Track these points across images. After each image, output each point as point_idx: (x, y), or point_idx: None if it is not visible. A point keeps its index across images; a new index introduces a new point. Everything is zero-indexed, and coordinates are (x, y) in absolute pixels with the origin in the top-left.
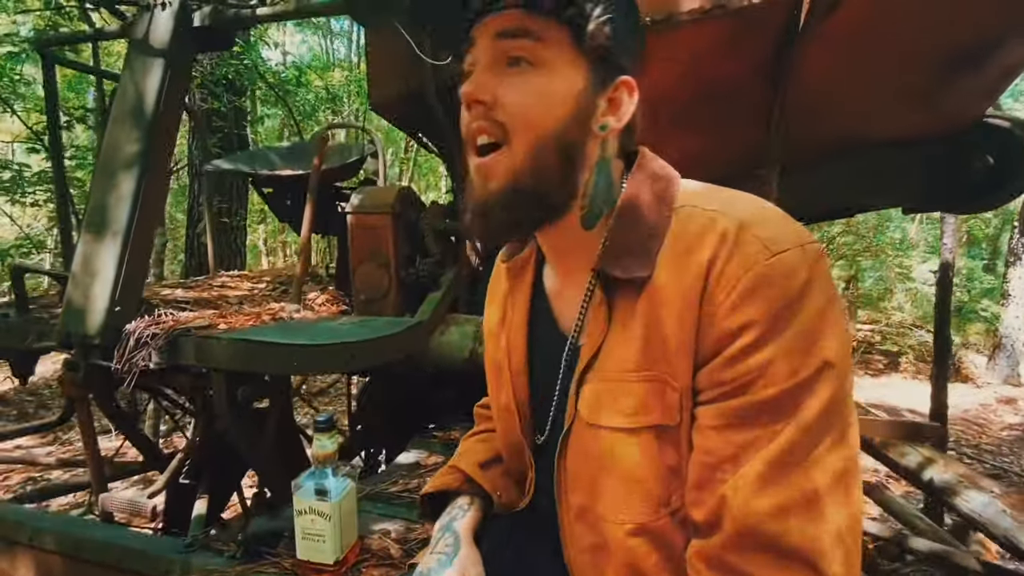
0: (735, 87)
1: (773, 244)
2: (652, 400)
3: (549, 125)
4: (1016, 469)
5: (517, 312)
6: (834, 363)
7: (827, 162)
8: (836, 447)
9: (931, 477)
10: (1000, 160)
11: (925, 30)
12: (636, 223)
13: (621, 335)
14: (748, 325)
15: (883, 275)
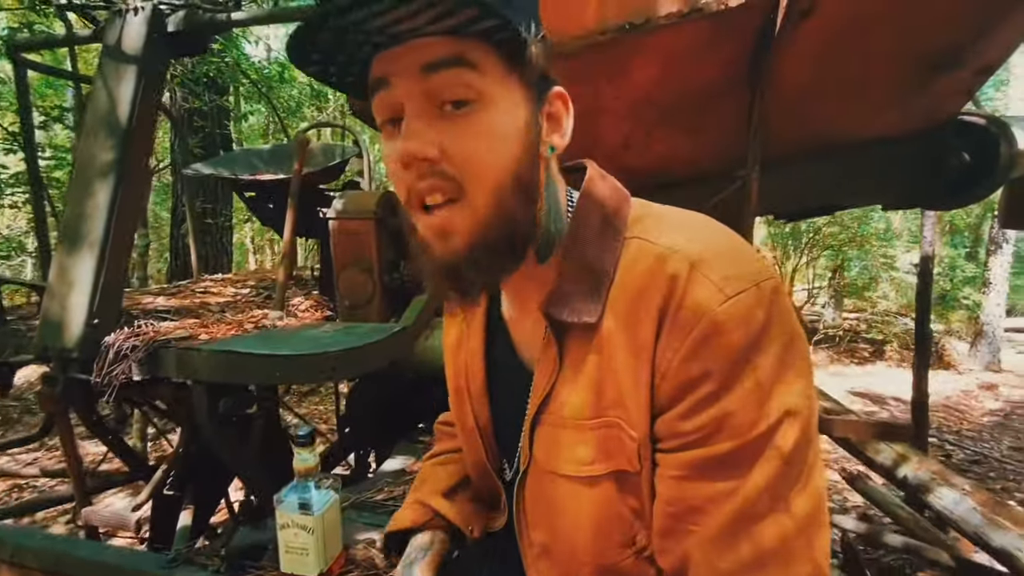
0: (714, 89)
1: (727, 285)
2: (609, 447)
3: (506, 167)
4: (996, 455)
5: (473, 337)
6: (796, 410)
7: (806, 161)
8: (799, 496)
9: (905, 474)
10: (976, 157)
11: (900, 33)
12: (584, 261)
13: (573, 379)
14: (705, 376)
15: (868, 265)
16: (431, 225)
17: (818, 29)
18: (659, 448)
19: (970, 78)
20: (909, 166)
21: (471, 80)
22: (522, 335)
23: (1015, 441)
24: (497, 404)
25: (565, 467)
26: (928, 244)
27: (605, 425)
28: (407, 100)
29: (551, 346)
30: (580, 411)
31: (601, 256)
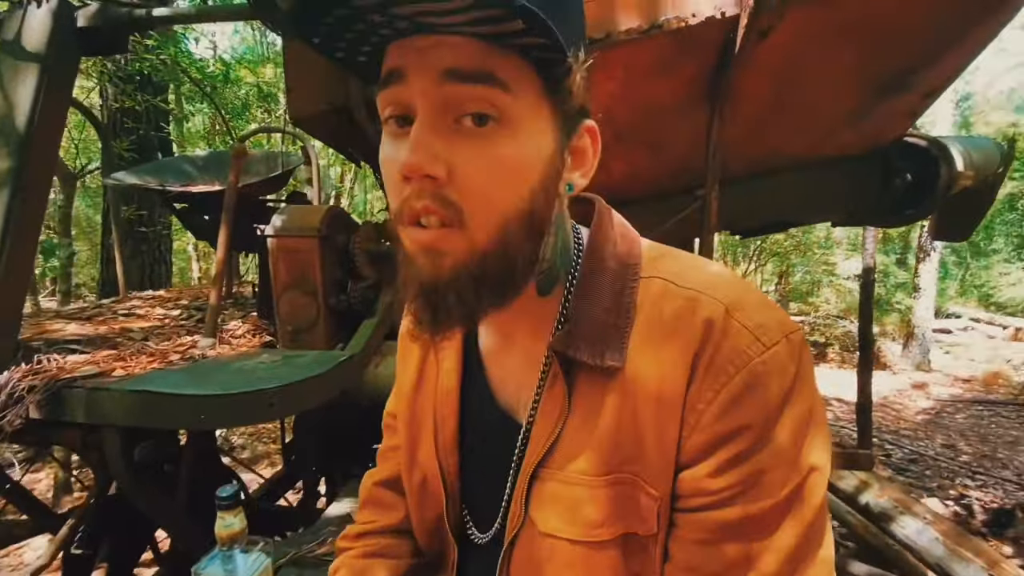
0: (674, 107)
1: (764, 336)
2: (622, 507)
3: (517, 203)
4: (930, 453)
5: (446, 376)
6: (821, 466)
7: (763, 179)
8: (816, 556)
9: (867, 502)
10: (918, 177)
11: (855, 56)
12: (602, 298)
13: (584, 428)
14: (741, 430)
15: (811, 271)
16: (420, 240)
17: (776, 50)
18: (679, 507)
19: (917, 101)
20: (859, 185)
21: (498, 99)
22: (503, 374)
23: (946, 439)
24: (469, 455)
25: (569, 530)
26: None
27: (619, 482)
28: (421, 101)
29: (558, 388)
30: (592, 465)
31: (620, 295)
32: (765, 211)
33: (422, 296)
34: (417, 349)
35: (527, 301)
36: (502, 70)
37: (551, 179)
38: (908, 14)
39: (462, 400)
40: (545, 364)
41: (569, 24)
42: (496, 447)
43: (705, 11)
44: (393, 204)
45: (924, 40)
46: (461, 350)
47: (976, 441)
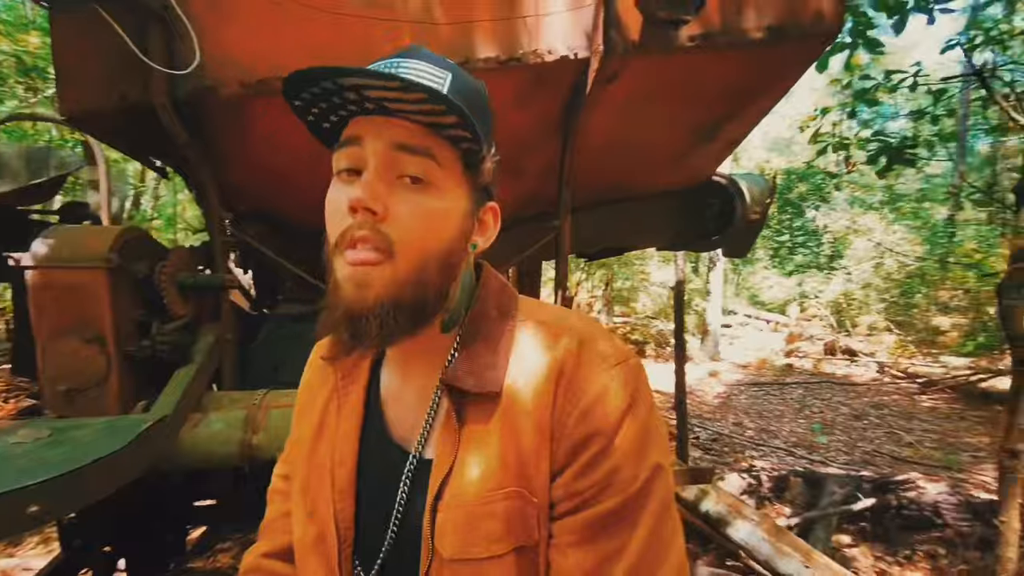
0: (530, 136)
1: (608, 361)
2: (515, 520)
3: (438, 246)
4: (726, 432)
5: (347, 419)
6: (663, 464)
7: (606, 208)
8: (674, 539)
9: (707, 509)
10: (723, 210)
11: (677, 109)
12: (486, 336)
13: (476, 452)
14: (595, 434)
15: (631, 279)
16: (351, 276)
17: (622, 93)
18: (555, 516)
19: (723, 148)
20: (681, 215)
21: (432, 170)
22: (402, 410)
23: (736, 418)
24: (365, 498)
25: (473, 550)
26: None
27: (510, 497)
28: (373, 160)
29: (451, 421)
30: (487, 485)
31: (501, 333)
32: (608, 237)
33: (347, 321)
34: (321, 397)
35: (429, 338)
36: (437, 149)
37: (464, 234)
38: (715, 79)
39: (362, 441)
40: (435, 395)
41: (484, 125)
42: (389, 486)
43: (560, 50)
44: (333, 235)
45: (726, 100)
46: (364, 392)
47: (756, 417)
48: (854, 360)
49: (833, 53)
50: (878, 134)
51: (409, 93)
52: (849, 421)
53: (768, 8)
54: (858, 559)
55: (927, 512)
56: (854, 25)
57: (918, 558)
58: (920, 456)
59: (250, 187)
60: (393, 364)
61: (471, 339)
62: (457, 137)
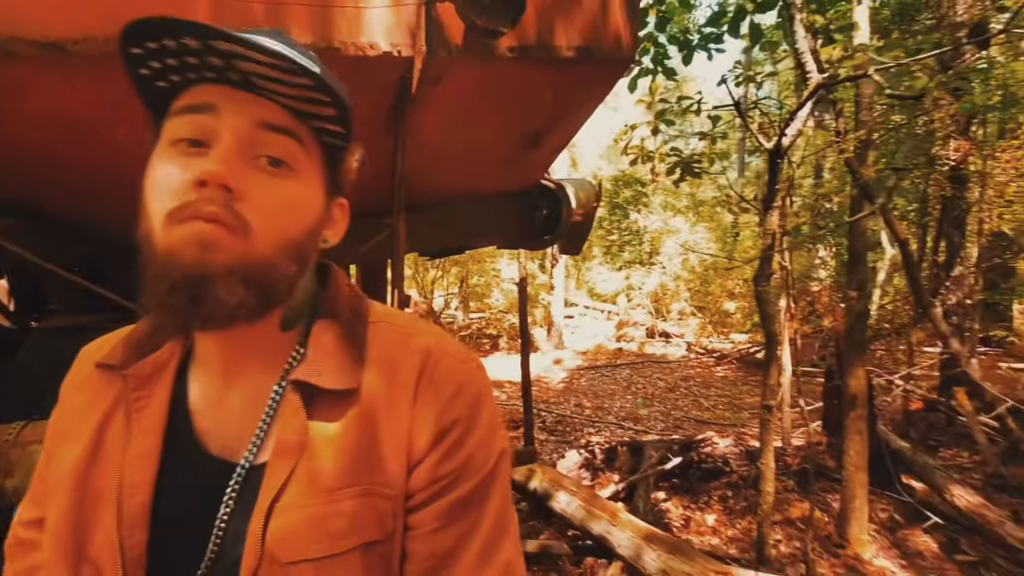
0: (360, 132)
1: (461, 358)
2: (364, 516)
3: (296, 236)
4: (568, 413)
5: (143, 436)
6: (505, 450)
7: (443, 208)
8: (513, 513)
9: (534, 487)
10: (551, 212)
11: (500, 118)
12: (340, 334)
13: (326, 452)
14: (454, 424)
15: (484, 276)
16: (195, 231)
17: (449, 96)
18: (412, 507)
19: (547, 156)
20: (514, 217)
21: (296, 153)
22: (222, 417)
23: (576, 400)
24: (166, 527)
25: (314, 548)
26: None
27: (360, 494)
28: (230, 135)
29: (297, 420)
30: (334, 482)
31: (354, 333)
32: (446, 236)
33: (184, 286)
34: (94, 416)
35: (265, 335)
36: (303, 133)
37: (321, 225)
38: (535, 91)
39: (163, 461)
40: (274, 397)
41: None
42: (214, 501)
43: (382, 46)
44: (166, 205)
45: (543, 114)
46: (168, 402)
47: (593, 398)
48: (669, 341)
49: (640, 77)
50: (674, 149)
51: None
52: (665, 393)
53: (576, 31)
54: (671, 510)
55: (719, 463)
56: (655, 54)
57: (713, 502)
58: (715, 417)
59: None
60: (211, 366)
61: (324, 337)
62: (323, 129)
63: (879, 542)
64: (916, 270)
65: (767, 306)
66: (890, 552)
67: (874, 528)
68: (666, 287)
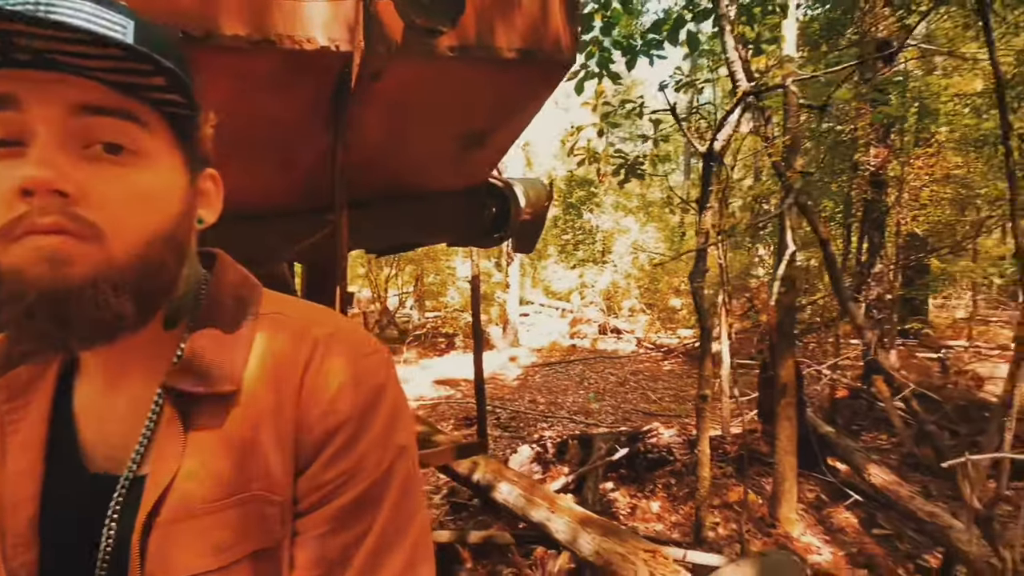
0: (297, 126)
1: (357, 350)
2: (250, 525)
3: (161, 227)
4: (522, 409)
5: (22, 452)
6: (407, 446)
7: (392, 206)
8: (415, 517)
9: (477, 478)
10: (499, 210)
11: (441, 117)
12: (221, 329)
13: (206, 459)
14: (344, 423)
15: (440, 274)
16: (37, 247)
17: (390, 92)
18: (301, 511)
19: (493, 155)
20: (462, 215)
21: (134, 133)
22: (106, 427)
23: (531, 396)
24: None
25: (200, 563)
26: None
27: (245, 502)
28: (46, 128)
29: (174, 427)
30: (217, 491)
31: (238, 326)
32: (393, 234)
33: (42, 306)
34: None
35: (147, 338)
36: (139, 111)
37: (190, 207)
38: (477, 91)
39: (46, 475)
40: (156, 403)
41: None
42: (99, 514)
43: (320, 40)
44: (7, 222)
45: (490, 111)
46: (48, 420)
47: (547, 393)
48: (620, 337)
49: (587, 79)
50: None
51: (99, 47)
52: (616, 388)
53: (517, 33)
54: (618, 500)
55: (664, 452)
56: (600, 58)
57: (658, 490)
58: (662, 409)
59: None
60: (92, 375)
61: (202, 334)
62: (162, 100)
63: (806, 520)
64: (836, 267)
65: (701, 301)
66: (816, 529)
67: (802, 507)
68: (617, 285)
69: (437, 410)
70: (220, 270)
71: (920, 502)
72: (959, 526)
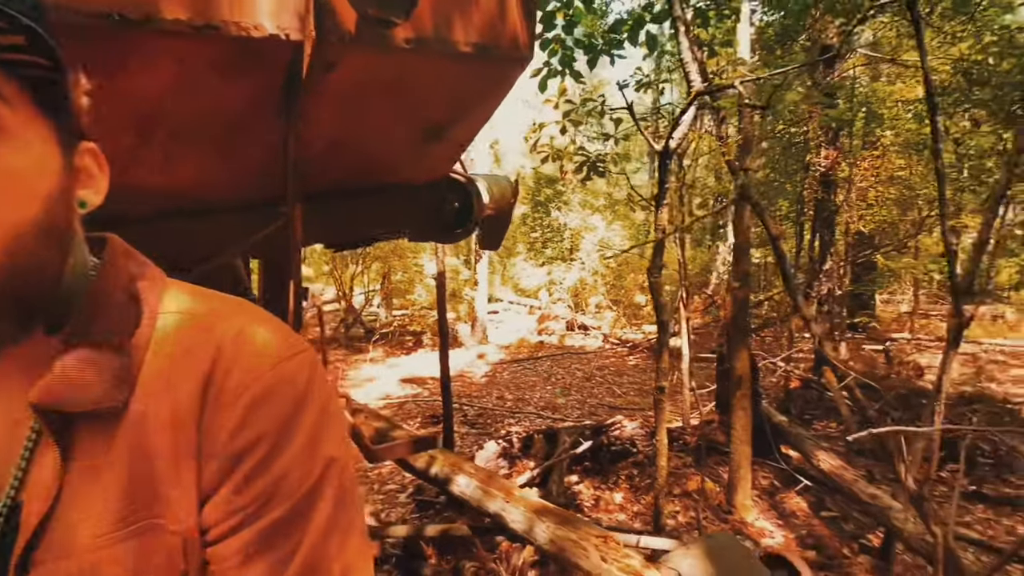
0: (247, 114)
1: (272, 354)
2: (147, 558)
3: (30, 215)
4: (489, 406)
5: None
6: (336, 457)
7: (350, 199)
8: (349, 534)
9: (435, 472)
10: (462, 205)
11: (399, 109)
12: (107, 333)
13: (90, 487)
14: (258, 441)
15: (407, 272)
16: None
17: (344, 84)
18: (211, 539)
19: (454, 149)
20: (423, 209)
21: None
22: None
23: (499, 392)
24: None
25: None
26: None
27: (139, 532)
28: None
29: (50, 452)
30: (105, 524)
31: (129, 328)
32: (352, 228)
33: None
34: None
35: (27, 346)
36: None
37: (66, 187)
38: (436, 85)
39: None
40: (35, 424)
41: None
42: None
43: (268, 27)
44: None
45: (449, 105)
46: None
47: (515, 390)
48: (587, 333)
49: (550, 77)
50: (580, 149)
51: None
52: (582, 383)
53: (474, 27)
54: (582, 492)
55: (627, 445)
56: (563, 56)
57: (621, 481)
58: (626, 403)
59: None
60: None
61: (84, 338)
62: (21, 63)
63: (760, 506)
64: (786, 262)
65: (659, 295)
66: (769, 514)
67: (756, 494)
68: (585, 282)
69: (404, 408)
70: (110, 260)
71: (863, 485)
72: (897, 506)
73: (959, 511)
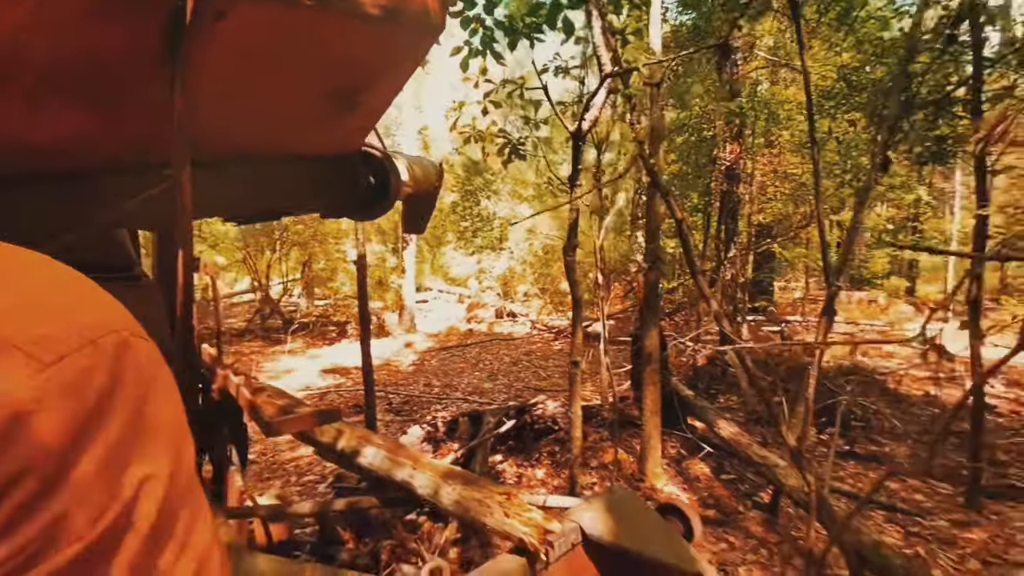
0: (127, 64)
1: (47, 350)
2: None
3: None
4: (417, 393)
5: None
6: (155, 473)
7: (250, 169)
8: (179, 561)
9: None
10: (377, 180)
11: (307, 68)
12: None
13: None
14: (21, 476)
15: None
16: None
17: (238, 34)
18: None
19: (365, 119)
20: (335, 182)
21: None
22: None
23: (426, 380)
24: None
25: None
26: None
27: None
28: None
29: None
30: None
31: None
32: (255, 200)
33: None
34: None
35: None
36: None
37: None
38: (342, 47)
39: None
40: None
41: None
42: None
43: None
44: None
45: (357, 70)
46: None
47: (442, 377)
48: (515, 321)
49: (471, 57)
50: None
51: None
52: (509, 368)
53: None
54: (506, 470)
55: (548, 423)
56: (483, 36)
57: (543, 458)
58: (551, 385)
59: None
60: None
61: None
62: None
63: (669, 473)
64: (689, 244)
65: (573, 274)
66: (676, 480)
67: (666, 462)
68: (513, 270)
69: (325, 399)
70: None
71: (756, 448)
72: (783, 464)
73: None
